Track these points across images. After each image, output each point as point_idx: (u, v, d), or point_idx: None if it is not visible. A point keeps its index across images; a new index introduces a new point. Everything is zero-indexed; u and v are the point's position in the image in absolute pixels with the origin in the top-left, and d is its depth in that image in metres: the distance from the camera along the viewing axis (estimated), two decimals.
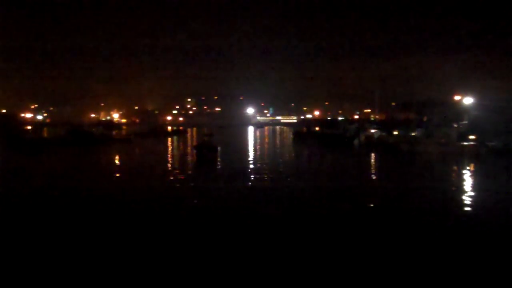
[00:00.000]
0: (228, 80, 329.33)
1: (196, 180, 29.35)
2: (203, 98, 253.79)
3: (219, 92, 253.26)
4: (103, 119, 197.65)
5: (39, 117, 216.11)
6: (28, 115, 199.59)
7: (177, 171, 33.46)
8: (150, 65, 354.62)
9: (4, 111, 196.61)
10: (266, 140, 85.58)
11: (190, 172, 34.45)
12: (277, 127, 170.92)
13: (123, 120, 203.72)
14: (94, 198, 22.13)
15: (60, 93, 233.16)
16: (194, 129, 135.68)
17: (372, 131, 68.21)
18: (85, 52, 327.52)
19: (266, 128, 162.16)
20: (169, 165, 38.22)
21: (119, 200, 21.39)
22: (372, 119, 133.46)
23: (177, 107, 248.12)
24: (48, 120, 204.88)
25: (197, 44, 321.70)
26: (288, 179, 29.08)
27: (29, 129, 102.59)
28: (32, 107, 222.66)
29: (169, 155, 50.42)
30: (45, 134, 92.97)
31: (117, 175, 32.36)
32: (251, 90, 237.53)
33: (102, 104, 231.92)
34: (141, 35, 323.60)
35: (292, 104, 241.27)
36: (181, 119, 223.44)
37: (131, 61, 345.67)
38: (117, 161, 43.39)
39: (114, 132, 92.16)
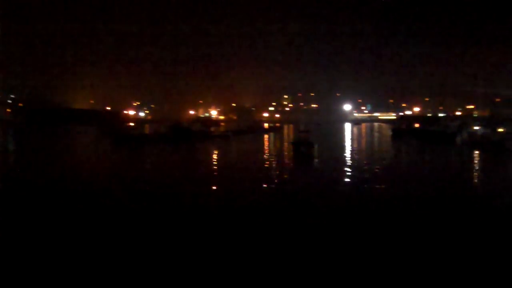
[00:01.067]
0: (325, 77, 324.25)
1: (294, 177, 28.63)
2: (299, 94, 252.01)
3: (316, 89, 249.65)
4: (202, 116, 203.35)
5: (141, 114, 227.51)
6: (131, 112, 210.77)
7: (275, 167, 33.03)
8: (247, 63, 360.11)
9: (108, 108, 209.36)
10: (364, 137, 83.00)
11: (288, 168, 33.64)
12: (375, 124, 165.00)
13: (221, 117, 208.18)
14: (200, 192, 22.01)
15: (160, 91, 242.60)
16: (291, 126, 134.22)
17: (476, 128, 65.91)
18: (184, 52, 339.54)
19: (363, 125, 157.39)
20: (266, 162, 37.49)
21: (221, 196, 21.48)
22: (475, 115, 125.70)
23: (274, 104, 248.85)
24: (149, 117, 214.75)
25: (295, 42, 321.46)
26: (389, 179, 27.07)
27: (132, 126, 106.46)
28: (135, 104, 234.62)
29: (266, 151, 49.96)
30: (147, 131, 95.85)
31: (216, 169, 32.51)
32: (348, 86, 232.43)
33: (201, 102, 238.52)
34: (240, 35, 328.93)
35: (391, 101, 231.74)
36: (277, 115, 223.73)
37: (229, 60, 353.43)
38: (216, 157, 43.71)
39: (212, 129, 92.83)
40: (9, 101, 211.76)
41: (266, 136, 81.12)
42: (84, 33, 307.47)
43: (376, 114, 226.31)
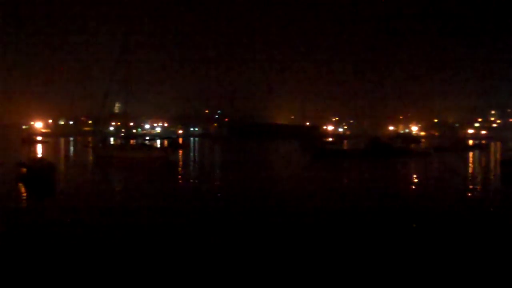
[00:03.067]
0: None
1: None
2: (509, 110, 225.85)
3: None
4: (402, 131, 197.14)
5: (340, 129, 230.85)
6: (330, 127, 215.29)
7: (480, 190, 30.11)
8: (452, 77, 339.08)
9: (308, 123, 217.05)
10: None
11: (496, 190, 30.40)
12: None
13: (422, 133, 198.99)
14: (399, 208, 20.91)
15: (359, 107, 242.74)
16: (498, 143, 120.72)
17: None
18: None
19: None
20: (470, 183, 34.05)
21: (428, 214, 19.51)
22: None
23: (480, 119, 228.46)
24: (348, 132, 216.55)
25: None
26: None
27: (331, 141, 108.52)
28: (334, 119, 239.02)
29: (470, 171, 45.80)
30: (345, 146, 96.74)
31: (415, 188, 30.53)
32: None
33: (401, 117, 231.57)
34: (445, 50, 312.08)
35: None
36: (483, 132, 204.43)
37: (432, 75, 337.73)
38: (415, 174, 41.48)
39: (412, 145, 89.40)
40: (216, 116, 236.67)
41: (470, 153, 74.63)
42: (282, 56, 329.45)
43: None
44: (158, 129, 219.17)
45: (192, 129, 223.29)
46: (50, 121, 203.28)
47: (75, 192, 26.19)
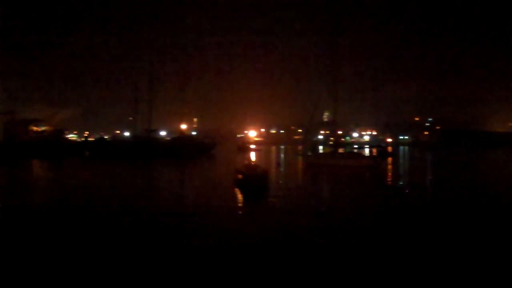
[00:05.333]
0: None
1: None
2: None
3: None
4: None
5: None
6: None
7: None
8: None
9: None
10: None
11: None
12: None
13: None
14: None
15: None
16: None
17: None
18: None
19: None
20: None
21: None
22: None
23: None
24: None
25: None
26: None
27: None
28: None
29: None
30: None
31: None
32: None
33: None
34: None
35: None
36: None
37: None
38: None
39: None
40: (427, 124, 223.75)
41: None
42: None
43: None
44: (366, 138, 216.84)
45: (401, 137, 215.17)
46: (263, 130, 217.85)
47: (287, 196, 26.48)
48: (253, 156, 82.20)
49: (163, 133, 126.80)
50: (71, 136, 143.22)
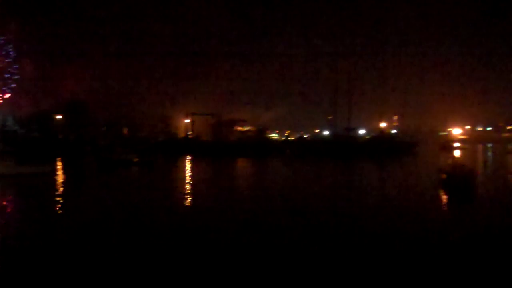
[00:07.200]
0: None
1: None
2: None
3: None
4: None
5: None
6: None
7: None
8: None
9: None
10: None
11: None
12: None
13: None
14: None
15: None
16: None
17: None
18: None
19: None
20: None
21: None
22: None
23: None
24: None
25: None
26: None
27: None
28: None
29: None
30: None
31: None
32: None
33: None
34: None
35: None
36: None
37: None
38: None
39: None
40: None
41: None
42: None
43: None
44: None
45: None
46: (468, 127, 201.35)
47: (494, 199, 25.34)
48: (457, 155, 77.76)
49: (362, 131, 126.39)
50: (273, 135, 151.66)
